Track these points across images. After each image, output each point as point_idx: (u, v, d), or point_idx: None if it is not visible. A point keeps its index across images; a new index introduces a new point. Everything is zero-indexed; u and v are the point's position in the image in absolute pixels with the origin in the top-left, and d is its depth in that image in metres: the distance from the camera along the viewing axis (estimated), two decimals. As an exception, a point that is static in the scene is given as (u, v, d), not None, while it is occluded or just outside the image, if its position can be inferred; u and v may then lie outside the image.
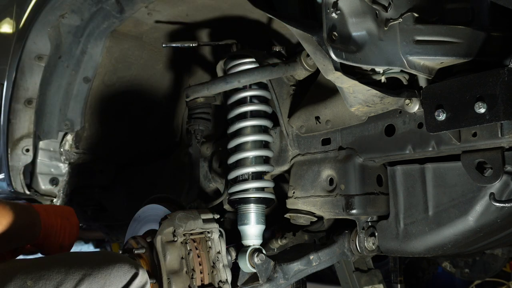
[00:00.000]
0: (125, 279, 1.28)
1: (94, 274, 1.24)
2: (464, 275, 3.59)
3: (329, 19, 1.24)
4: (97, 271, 1.25)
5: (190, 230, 1.60)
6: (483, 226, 1.46)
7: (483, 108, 1.20)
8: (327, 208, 1.73)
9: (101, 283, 1.24)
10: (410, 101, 1.45)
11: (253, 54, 1.84)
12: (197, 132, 1.98)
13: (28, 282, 1.15)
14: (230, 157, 1.90)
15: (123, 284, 1.28)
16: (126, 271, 1.30)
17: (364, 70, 1.40)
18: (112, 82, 2.66)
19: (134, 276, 1.31)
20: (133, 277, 1.31)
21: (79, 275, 1.22)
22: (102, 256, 1.33)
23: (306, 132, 1.81)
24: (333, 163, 1.73)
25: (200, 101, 1.95)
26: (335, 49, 1.24)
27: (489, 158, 1.34)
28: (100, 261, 1.29)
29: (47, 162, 2.69)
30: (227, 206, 2.01)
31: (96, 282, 1.23)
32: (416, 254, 1.60)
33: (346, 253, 1.77)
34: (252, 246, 1.78)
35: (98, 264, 1.27)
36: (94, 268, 1.25)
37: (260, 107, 1.89)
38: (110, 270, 1.27)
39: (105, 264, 1.28)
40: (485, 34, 1.29)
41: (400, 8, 1.31)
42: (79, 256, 1.32)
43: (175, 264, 1.55)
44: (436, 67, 1.39)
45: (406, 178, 1.59)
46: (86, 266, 1.25)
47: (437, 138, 1.45)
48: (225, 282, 1.63)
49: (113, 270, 1.27)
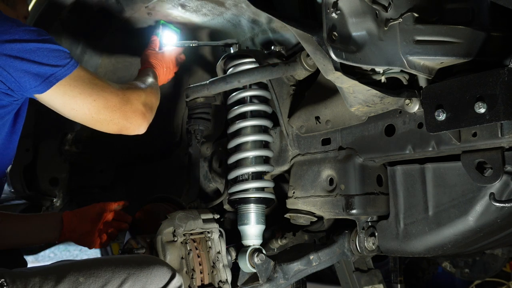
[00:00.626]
0: (164, 279, 1.39)
1: (137, 273, 1.36)
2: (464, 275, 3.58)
3: (329, 19, 1.24)
4: (140, 271, 1.37)
5: (190, 230, 1.60)
6: (483, 226, 1.46)
7: (483, 108, 1.20)
8: (327, 208, 1.73)
9: (143, 282, 1.36)
10: (410, 101, 1.45)
11: (253, 54, 1.84)
12: (197, 132, 1.98)
13: (80, 279, 1.29)
14: (230, 157, 1.90)
15: (163, 283, 1.39)
16: (165, 272, 1.40)
17: (364, 70, 1.40)
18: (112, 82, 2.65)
19: (172, 277, 1.41)
20: (171, 278, 1.41)
21: (124, 274, 1.34)
22: (143, 258, 1.45)
23: (306, 132, 1.81)
24: (333, 163, 1.73)
25: (200, 101, 1.95)
26: (335, 49, 1.24)
27: (489, 158, 1.34)
28: (142, 262, 1.40)
29: (47, 162, 2.69)
30: (227, 206, 2.01)
31: (139, 280, 1.35)
32: (416, 254, 1.60)
33: (346, 253, 1.77)
34: (252, 246, 1.78)
35: (140, 265, 1.39)
36: (137, 268, 1.37)
37: (260, 107, 1.89)
38: (151, 270, 1.38)
39: (147, 265, 1.40)
40: (485, 34, 1.29)
41: (400, 8, 1.31)
42: (122, 258, 1.44)
43: (175, 264, 1.55)
44: (436, 67, 1.39)
45: (406, 178, 1.59)
46: (130, 266, 1.37)
47: (437, 138, 1.45)
48: (225, 282, 1.63)
49: (153, 270, 1.38)
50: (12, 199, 2.77)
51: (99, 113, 1.52)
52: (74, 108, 1.50)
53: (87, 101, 1.49)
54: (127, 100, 1.58)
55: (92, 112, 1.51)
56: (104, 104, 1.52)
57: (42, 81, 1.42)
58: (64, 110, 1.51)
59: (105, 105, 1.53)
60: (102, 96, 1.52)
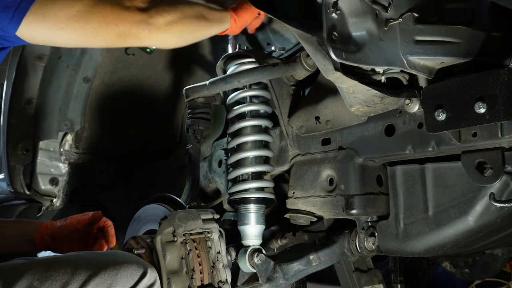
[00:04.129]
0: (132, 280, 1.28)
1: (100, 274, 1.24)
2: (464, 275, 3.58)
3: (329, 19, 1.24)
4: (104, 272, 1.25)
5: (190, 230, 1.60)
6: (483, 226, 1.46)
7: (483, 108, 1.20)
8: (327, 208, 1.73)
9: (108, 284, 1.24)
10: (410, 101, 1.45)
11: (253, 54, 1.84)
12: (197, 132, 1.98)
13: (34, 283, 1.16)
14: (230, 157, 1.90)
15: (130, 284, 1.28)
16: (133, 271, 1.30)
17: (364, 70, 1.40)
18: (112, 82, 2.66)
19: (142, 276, 1.31)
20: (141, 276, 1.31)
21: (85, 276, 1.22)
22: (110, 256, 1.33)
23: (306, 132, 1.81)
24: (333, 163, 1.73)
25: (200, 101, 1.95)
26: (335, 49, 1.24)
27: (489, 158, 1.34)
28: (107, 261, 1.28)
29: (47, 162, 2.69)
30: (227, 206, 2.01)
31: (102, 283, 1.23)
32: (416, 254, 1.60)
33: (346, 253, 1.77)
34: (252, 246, 1.78)
35: (105, 264, 1.27)
36: (101, 268, 1.25)
37: (260, 107, 1.89)
38: (117, 270, 1.27)
39: (112, 264, 1.27)
40: (485, 34, 1.29)
41: (400, 8, 1.31)
42: (87, 256, 1.32)
43: (175, 264, 1.55)
44: (436, 67, 1.39)
45: (406, 178, 1.59)
46: (93, 266, 1.25)
47: (437, 138, 1.45)
48: (225, 282, 1.63)
49: (120, 270, 1.27)
50: (12, 199, 2.77)
51: (88, 21, 1.36)
52: (62, 28, 1.34)
53: (70, 13, 1.34)
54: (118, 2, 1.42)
55: (81, 23, 1.35)
56: (89, 9, 1.36)
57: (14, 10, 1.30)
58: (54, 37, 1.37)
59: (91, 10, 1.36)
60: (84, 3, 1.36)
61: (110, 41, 1.43)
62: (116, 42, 1.44)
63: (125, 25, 1.41)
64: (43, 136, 2.65)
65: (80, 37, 1.39)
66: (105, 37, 1.40)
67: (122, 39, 1.43)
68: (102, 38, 1.40)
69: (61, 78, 2.57)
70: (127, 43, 1.46)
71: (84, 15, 1.36)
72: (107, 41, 1.42)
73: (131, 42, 1.46)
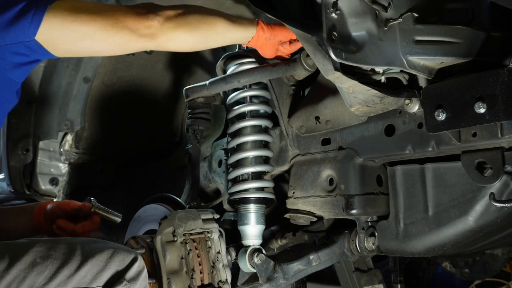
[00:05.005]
0: (125, 262, 1.38)
1: (96, 257, 1.34)
2: (464, 275, 3.58)
3: (329, 19, 1.24)
4: (99, 254, 1.35)
5: (190, 230, 1.60)
6: (483, 226, 1.46)
7: (483, 108, 1.20)
8: (327, 208, 1.73)
9: (102, 265, 1.34)
10: (410, 101, 1.45)
11: (253, 54, 1.84)
12: (197, 132, 1.98)
13: (37, 259, 1.28)
14: (230, 157, 1.90)
15: (124, 265, 1.38)
16: (125, 256, 1.39)
17: (364, 70, 1.40)
18: (112, 82, 2.66)
19: (134, 261, 1.40)
20: (132, 261, 1.40)
21: (82, 257, 1.32)
22: (102, 243, 1.43)
23: (306, 132, 1.81)
24: (333, 163, 1.73)
25: (200, 101, 1.94)
26: (335, 49, 1.24)
27: (489, 158, 1.34)
28: (101, 247, 1.38)
29: (47, 162, 2.69)
30: (227, 206, 2.01)
31: (97, 264, 1.33)
32: (416, 254, 1.60)
33: (346, 253, 1.77)
34: (252, 246, 1.78)
35: (100, 248, 1.37)
36: (96, 251, 1.35)
37: (260, 107, 1.89)
38: (111, 253, 1.37)
39: (106, 248, 1.38)
40: (485, 34, 1.29)
41: (400, 8, 1.31)
42: (83, 241, 1.42)
43: (175, 264, 1.55)
44: (436, 67, 1.39)
45: (406, 178, 1.59)
46: (89, 249, 1.35)
47: (437, 138, 1.45)
48: (225, 282, 1.63)
49: (113, 254, 1.37)
50: (12, 199, 2.77)
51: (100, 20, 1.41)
52: (75, 30, 1.40)
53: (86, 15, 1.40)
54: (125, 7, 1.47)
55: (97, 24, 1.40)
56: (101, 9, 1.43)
57: (33, 14, 1.37)
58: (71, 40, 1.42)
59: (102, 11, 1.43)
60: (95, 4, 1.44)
61: (123, 41, 1.44)
62: (130, 41, 1.45)
63: (133, 20, 1.43)
64: (43, 136, 2.65)
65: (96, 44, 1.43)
66: (117, 37, 1.43)
67: (135, 37, 1.44)
68: (114, 38, 1.43)
69: (61, 78, 2.57)
70: (141, 41, 1.46)
71: (97, 12, 1.42)
72: (121, 40, 1.44)
73: (145, 40, 1.45)
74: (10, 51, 1.41)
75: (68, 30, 1.41)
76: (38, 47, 1.42)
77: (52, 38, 1.42)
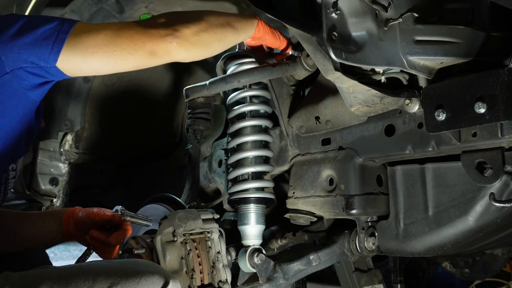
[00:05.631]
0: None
1: (122, 283, 1.23)
2: (464, 275, 3.58)
3: (329, 19, 1.24)
4: (125, 281, 1.24)
5: (190, 230, 1.60)
6: (483, 226, 1.46)
7: (483, 108, 1.20)
8: (327, 208, 1.73)
9: None
10: (410, 101, 1.45)
11: (253, 54, 1.84)
12: (197, 132, 1.98)
13: None
14: (230, 157, 1.90)
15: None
16: (155, 280, 1.28)
17: (364, 70, 1.40)
18: (112, 82, 2.66)
19: (165, 286, 1.29)
20: (163, 287, 1.29)
21: (106, 284, 1.21)
22: (131, 265, 1.32)
23: (306, 132, 1.81)
24: (333, 163, 1.73)
25: (200, 101, 1.94)
26: (335, 49, 1.24)
27: (489, 158, 1.34)
28: (129, 270, 1.28)
29: (47, 162, 2.69)
30: (227, 206, 2.01)
31: None
32: (416, 254, 1.60)
33: (346, 253, 1.77)
34: (252, 246, 1.78)
35: (127, 273, 1.26)
36: (122, 277, 1.24)
37: (260, 107, 1.89)
38: (139, 279, 1.25)
39: (134, 273, 1.26)
40: (485, 34, 1.29)
41: (400, 8, 1.31)
42: (108, 264, 1.32)
43: (175, 264, 1.55)
44: (436, 67, 1.39)
45: (406, 178, 1.59)
46: (114, 275, 1.24)
47: (437, 138, 1.45)
48: (225, 282, 1.63)
49: (142, 280, 1.26)
50: (12, 199, 2.77)
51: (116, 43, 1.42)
52: (93, 53, 1.41)
53: (99, 38, 1.41)
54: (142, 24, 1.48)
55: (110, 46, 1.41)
56: (116, 33, 1.43)
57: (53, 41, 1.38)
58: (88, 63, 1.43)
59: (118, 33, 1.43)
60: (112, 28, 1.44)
61: (142, 61, 1.46)
62: (148, 60, 1.46)
63: (152, 42, 1.43)
64: (43, 136, 2.65)
65: (111, 60, 1.43)
66: (135, 57, 1.43)
67: (153, 57, 1.45)
68: (132, 58, 1.43)
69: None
70: (159, 60, 1.47)
71: (112, 38, 1.42)
72: (138, 60, 1.45)
73: (163, 59, 1.48)
74: (30, 72, 1.41)
75: (89, 62, 1.43)
76: (57, 72, 1.43)
77: (73, 67, 1.43)
